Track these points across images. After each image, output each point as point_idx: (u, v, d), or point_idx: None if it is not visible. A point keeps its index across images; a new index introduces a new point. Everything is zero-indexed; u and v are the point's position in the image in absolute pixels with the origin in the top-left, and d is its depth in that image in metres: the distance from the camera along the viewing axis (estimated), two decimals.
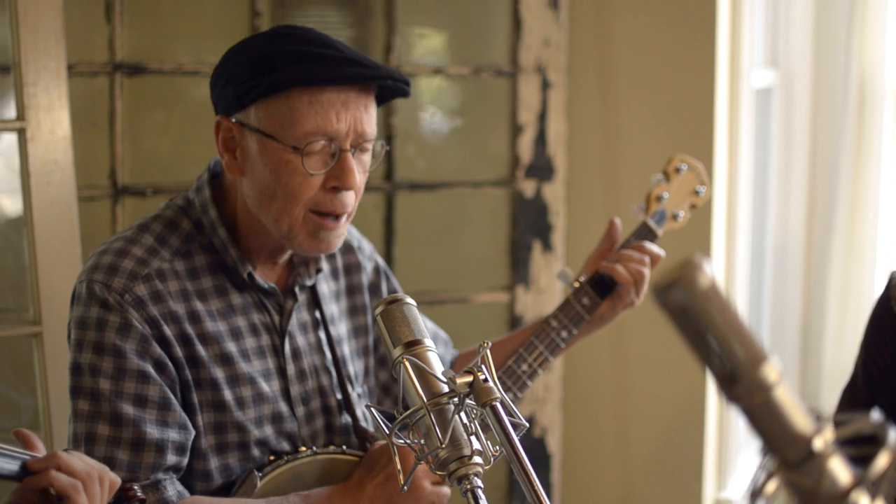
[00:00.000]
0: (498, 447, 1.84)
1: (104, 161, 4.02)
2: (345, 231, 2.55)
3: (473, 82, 4.44)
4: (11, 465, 1.89)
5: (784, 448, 1.20)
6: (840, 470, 1.19)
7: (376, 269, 2.88)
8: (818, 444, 1.18)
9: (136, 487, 2.08)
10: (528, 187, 4.35)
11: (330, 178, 2.45)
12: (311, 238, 2.49)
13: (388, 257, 4.29)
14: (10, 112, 3.62)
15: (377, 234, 4.29)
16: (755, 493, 1.19)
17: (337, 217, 2.49)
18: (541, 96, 4.31)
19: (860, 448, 1.19)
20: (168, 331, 2.45)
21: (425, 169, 4.44)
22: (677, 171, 2.93)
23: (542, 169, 4.34)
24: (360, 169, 2.50)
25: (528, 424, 1.93)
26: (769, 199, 5.13)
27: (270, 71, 2.41)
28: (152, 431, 2.41)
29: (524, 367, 2.77)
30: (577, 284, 2.84)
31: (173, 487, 2.43)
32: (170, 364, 2.45)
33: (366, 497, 2.54)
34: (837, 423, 1.18)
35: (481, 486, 1.81)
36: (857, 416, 1.16)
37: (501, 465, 4.43)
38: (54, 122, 3.58)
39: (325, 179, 2.45)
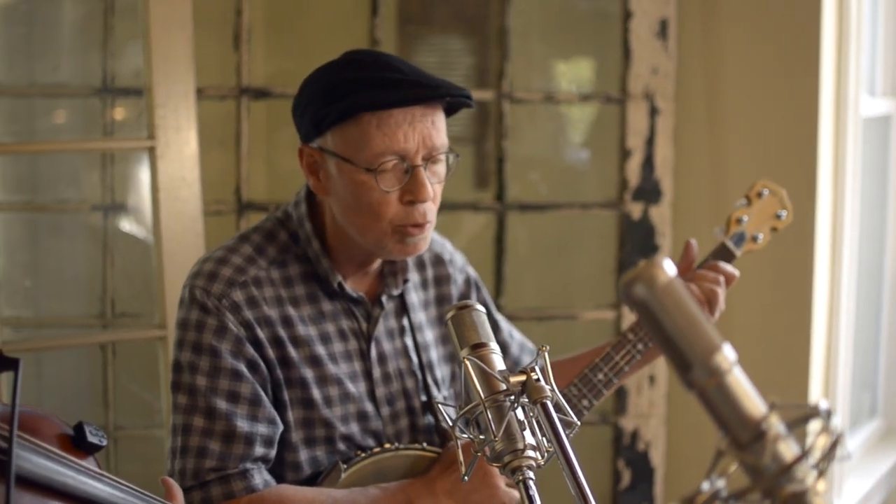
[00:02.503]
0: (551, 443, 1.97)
1: (230, 178, 4.28)
2: (430, 235, 2.71)
3: (584, 108, 4.61)
4: (128, 500, 1.93)
5: (735, 429, 1.35)
6: (784, 449, 1.34)
7: (467, 281, 3.04)
8: (765, 425, 1.34)
9: None
10: (635, 209, 4.49)
11: (405, 193, 2.62)
12: (400, 244, 2.66)
13: (498, 275, 4.47)
14: (144, 131, 3.87)
15: (488, 252, 4.47)
16: (708, 472, 1.34)
17: (420, 226, 2.67)
18: (649, 122, 4.46)
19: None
20: (261, 333, 2.66)
21: (536, 190, 4.61)
22: (759, 195, 3.05)
23: (649, 192, 4.49)
24: (435, 180, 2.65)
25: (579, 423, 2.06)
26: (888, 228, 5.14)
27: (340, 98, 2.59)
28: (242, 425, 2.62)
29: (600, 375, 2.90)
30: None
31: (260, 476, 2.63)
32: (262, 364, 2.66)
33: (442, 491, 2.69)
34: (784, 409, 1.33)
35: (533, 477, 1.94)
36: (805, 403, 1.31)
37: (605, 478, 4.57)
38: (182, 141, 3.83)
39: (400, 194, 2.62)
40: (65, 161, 4.56)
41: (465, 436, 2.06)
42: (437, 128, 2.63)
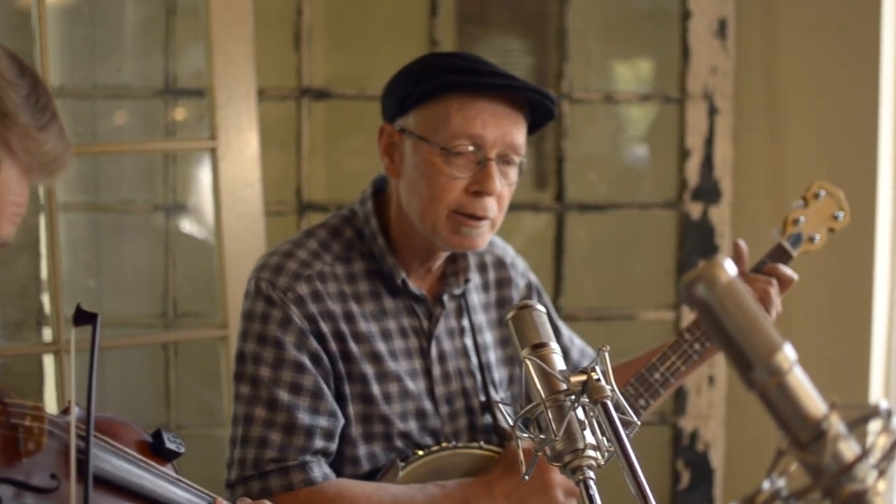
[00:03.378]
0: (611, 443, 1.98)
1: (291, 179, 4.31)
2: (486, 234, 2.72)
3: (645, 109, 4.61)
4: None
5: (796, 429, 1.36)
6: (845, 449, 1.35)
7: (528, 286, 3.06)
8: (825, 425, 1.34)
9: None
10: (694, 209, 4.49)
11: (473, 183, 2.64)
12: (455, 234, 2.68)
13: (558, 275, 4.48)
14: (206, 132, 3.91)
15: (547, 252, 4.48)
16: (768, 471, 1.35)
17: (478, 219, 2.69)
18: (708, 122, 4.45)
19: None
20: (324, 327, 2.69)
21: (595, 191, 4.61)
22: (816, 196, 3.05)
23: (708, 192, 4.48)
24: (505, 181, 2.68)
25: (639, 423, 2.07)
26: None
27: (427, 79, 2.64)
28: (304, 417, 2.65)
29: (656, 375, 2.90)
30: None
31: (319, 469, 2.65)
32: (325, 357, 2.69)
33: (500, 493, 2.71)
34: (844, 408, 1.33)
35: (593, 477, 1.95)
36: (866, 403, 1.31)
37: (665, 478, 4.56)
38: (244, 142, 3.86)
39: (468, 184, 2.64)
40: (127, 162, 4.60)
41: (525, 435, 2.07)
42: (516, 130, 2.67)
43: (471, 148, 2.63)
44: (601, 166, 4.67)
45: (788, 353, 1.36)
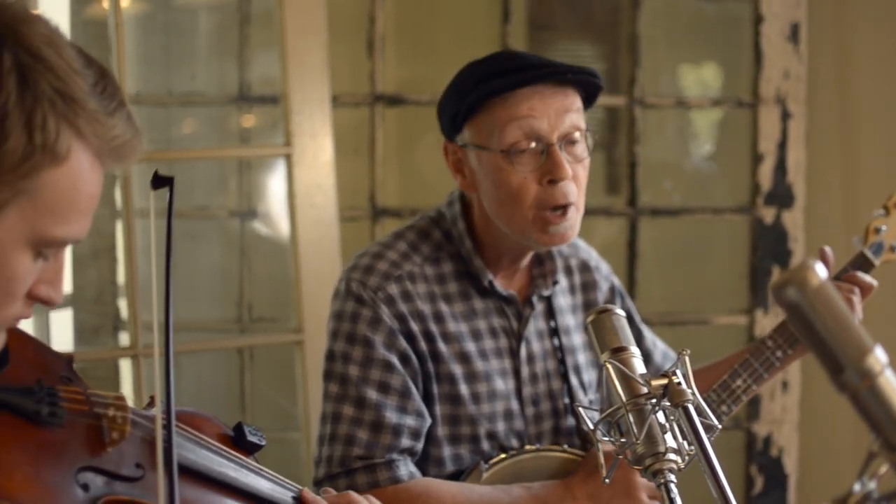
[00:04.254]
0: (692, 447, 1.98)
1: (365, 184, 4.33)
2: (575, 223, 2.72)
3: (717, 113, 4.61)
4: (286, 497, 1.97)
5: (888, 431, 1.35)
6: None
7: (612, 289, 3.06)
8: None
9: None
10: (767, 214, 4.47)
11: (545, 174, 2.65)
12: (544, 234, 2.69)
13: (631, 280, 4.48)
14: (280, 138, 3.94)
15: (620, 257, 4.48)
16: (860, 473, 1.35)
17: (563, 210, 2.69)
18: (781, 126, 4.44)
19: None
20: (414, 327, 2.71)
21: (668, 195, 4.61)
22: None
23: (781, 196, 4.47)
24: (574, 160, 2.68)
25: (720, 426, 2.07)
26: None
27: (469, 92, 2.66)
28: (391, 416, 2.67)
29: (738, 382, 2.90)
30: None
31: (406, 468, 2.67)
32: (413, 357, 2.71)
33: (583, 495, 2.71)
34: None
35: (674, 480, 1.96)
36: None
37: (738, 482, 4.55)
38: (318, 148, 3.89)
39: (540, 176, 2.65)
40: (201, 168, 4.64)
41: (605, 439, 2.07)
42: (570, 109, 2.66)
43: (531, 143, 2.64)
44: (673, 171, 4.67)
45: (880, 356, 1.36)
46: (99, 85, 1.53)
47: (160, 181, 1.80)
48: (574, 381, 2.89)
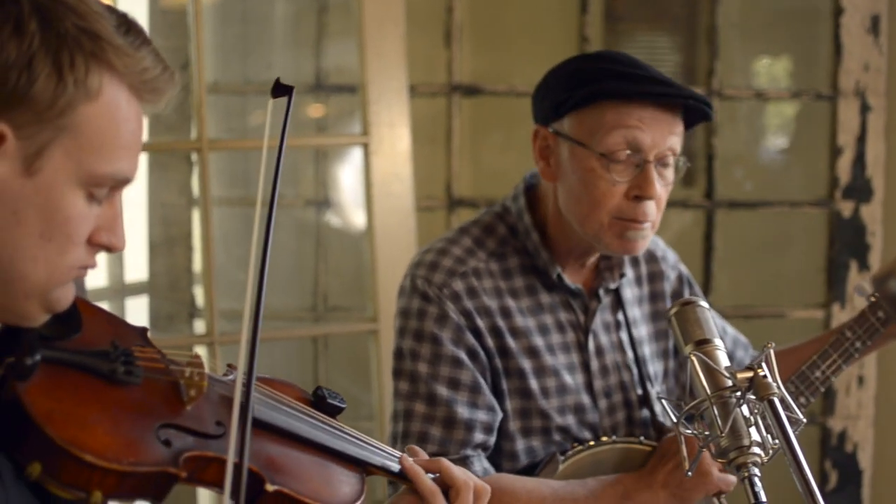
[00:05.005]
0: (777, 441, 1.97)
1: (441, 175, 4.33)
2: (650, 235, 2.71)
3: (794, 105, 4.57)
4: (394, 466, 1.98)
5: None
6: None
7: (679, 278, 3.04)
8: None
9: None
10: (845, 208, 4.44)
11: (633, 188, 2.63)
12: (619, 239, 2.67)
13: (707, 273, 4.45)
14: (356, 128, 3.95)
15: (696, 250, 4.46)
16: None
17: (639, 223, 2.69)
18: (860, 119, 4.40)
19: None
20: (480, 323, 2.70)
21: (745, 188, 4.58)
22: None
23: (860, 190, 4.43)
24: (662, 182, 2.66)
25: (805, 420, 2.05)
26: None
27: (583, 85, 2.63)
28: (463, 411, 2.66)
29: (817, 373, 2.88)
30: (873, 299, 2.93)
31: (480, 464, 2.66)
32: (481, 352, 2.70)
33: (657, 483, 2.70)
34: None
35: (758, 474, 1.94)
36: None
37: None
38: (395, 137, 3.90)
39: (628, 189, 2.63)
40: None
41: (688, 431, 2.07)
42: (673, 131, 2.64)
43: (629, 152, 2.62)
44: (748, 164, 4.64)
45: None
46: (122, 26, 1.55)
47: (280, 90, 1.81)
48: (643, 372, 2.88)
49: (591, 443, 2.76)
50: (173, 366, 1.73)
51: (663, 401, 2.18)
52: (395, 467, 1.99)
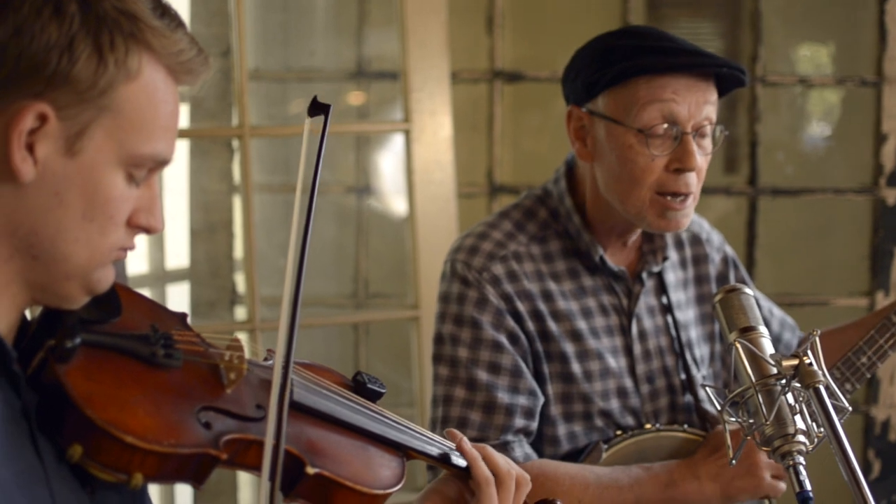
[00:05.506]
0: (822, 429, 1.95)
1: (482, 161, 4.33)
2: (691, 212, 2.70)
3: (838, 92, 4.54)
4: (433, 450, 1.98)
5: None
6: None
7: (724, 260, 3.01)
8: None
9: (558, 502, 2.08)
10: (890, 195, 4.41)
11: (672, 161, 2.61)
12: (660, 218, 2.66)
13: (750, 260, 4.43)
14: (397, 115, 3.94)
15: (740, 237, 4.43)
16: None
17: (682, 197, 2.66)
18: None
19: None
20: (521, 307, 2.69)
21: (788, 175, 4.55)
22: None
23: None
24: (702, 153, 2.64)
25: (850, 408, 2.04)
26: None
27: (615, 62, 2.61)
28: (503, 396, 2.65)
29: (863, 359, 2.85)
30: None
31: (521, 449, 2.65)
32: (522, 336, 2.69)
33: (706, 476, 2.68)
34: None
35: (803, 462, 1.93)
36: None
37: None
38: (437, 124, 3.89)
39: (667, 162, 2.62)
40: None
41: (732, 419, 2.05)
42: (708, 100, 2.62)
43: (666, 126, 2.60)
44: (790, 150, 4.61)
45: None
46: (158, 9, 1.57)
47: (317, 108, 1.81)
48: (688, 356, 2.86)
49: (636, 431, 2.74)
50: (213, 349, 1.74)
51: (707, 388, 2.16)
52: (435, 451, 1.98)
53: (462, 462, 1.99)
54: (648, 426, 2.75)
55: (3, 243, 1.53)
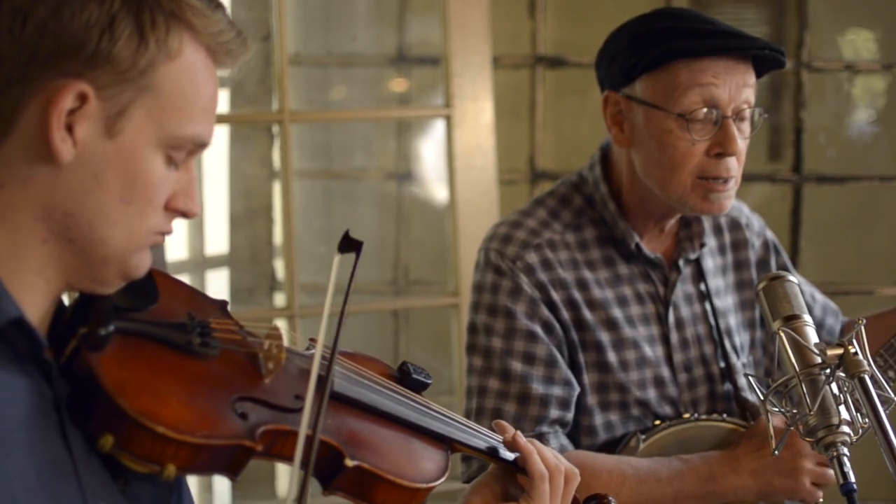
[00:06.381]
0: (867, 420, 1.92)
1: (524, 147, 4.30)
2: (733, 194, 2.65)
3: (885, 78, 4.49)
4: (480, 443, 1.94)
5: None
6: None
7: (765, 245, 2.97)
8: None
9: (610, 498, 2.04)
10: None
11: (714, 146, 2.56)
12: (704, 201, 2.61)
13: (794, 248, 4.39)
14: (439, 100, 3.92)
15: (784, 225, 4.39)
16: None
17: (724, 180, 2.61)
18: None
19: None
20: (556, 295, 2.65)
21: (834, 162, 4.50)
22: None
23: None
24: (742, 136, 2.60)
25: (895, 398, 2.01)
26: None
27: (652, 46, 2.56)
28: (538, 387, 2.60)
29: None
30: None
31: (556, 440, 2.61)
32: (557, 326, 2.64)
33: (747, 469, 2.63)
34: None
35: (847, 454, 1.90)
36: None
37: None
38: (478, 110, 3.86)
39: (708, 146, 2.57)
40: (359, 129, 4.64)
41: (775, 409, 2.02)
42: (747, 83, 2.58)
43: (706, 110, 2.56)
44: (838, 137, 4.56)
45: None
46: None
47: (348, 245, 1.77)
48: (727, 344, 2.82)
49: (674, 421, 2.70)
50: (251, 338, 1.70)
51: (750, 378, 2.13)
52: (483, 444, 1.93)
53: (509, 455, 1.95)
54: (687, 416, 2.71)
55: (39, 226, 1.50)
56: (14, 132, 1.48)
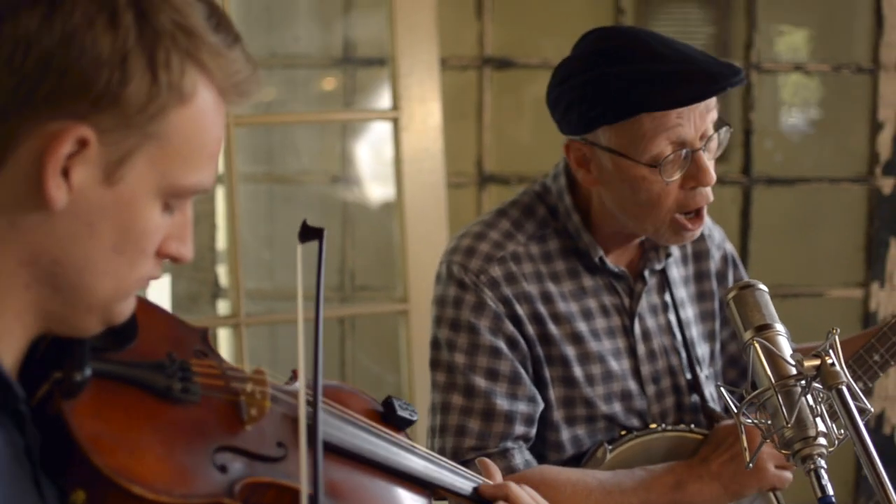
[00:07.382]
0: (843, 431, 1.89)
1: (471, 150, 4.25)
2: (705, 219, 2.60)
3: (833, 79, 4.48)
4: (465, 486, 1.89)
5: None
6: None
7: (724, 258, 2.93)
8: None
9: None
10: (886, 184, 4.36)
11: (688, 180, 2.50)
12: (675, 235, 2.57)
13: (744, 250, 4.38)
14: (385, 102, 3.86)
15: (733, 226, 4.38)
16: None
17: (698, 212, 2.56)
18: None
19: None
20: (520, 310, 2.59)
21: (783, 164, 4.50)
22: None
23: None
24: (711, 156, 2.55)
25: (872, 409, 1.98)
26: None
27: (613, 99, 2.47)
28: (502, 403, 2.55)
29: (876, 357, 2.77)
30: None
31: (521, 456, 2.57)
32: (522, 341, 2.59)
33: (710, 474, 2.61)
34: None
35: (825, 466, 1.86)
36: None
37: (849, 463, 4.44)
38: (426, 112, 3.80)
39: (682, 181, 2.50)
40: (302, 132, 4.58)
41: (749, 421, 1.98)
42: (710, 107, 2.50)
43: (674, 150, 2.49)
44: (789, 139, 4.55)
45: None
46: (213, 18, 1.42)
47: (309, 233, 1.69)
48: (692, 355, 2.78)
49: (640, 431, 2.67)
50: (234, 382, 1.61)
51: (722, 389, 2.09)
52: (467, 488, 1.88)
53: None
54: (654, 426, 2.68)
55: (23, 271, 1.39)
56: (2, 172, 1.36)
